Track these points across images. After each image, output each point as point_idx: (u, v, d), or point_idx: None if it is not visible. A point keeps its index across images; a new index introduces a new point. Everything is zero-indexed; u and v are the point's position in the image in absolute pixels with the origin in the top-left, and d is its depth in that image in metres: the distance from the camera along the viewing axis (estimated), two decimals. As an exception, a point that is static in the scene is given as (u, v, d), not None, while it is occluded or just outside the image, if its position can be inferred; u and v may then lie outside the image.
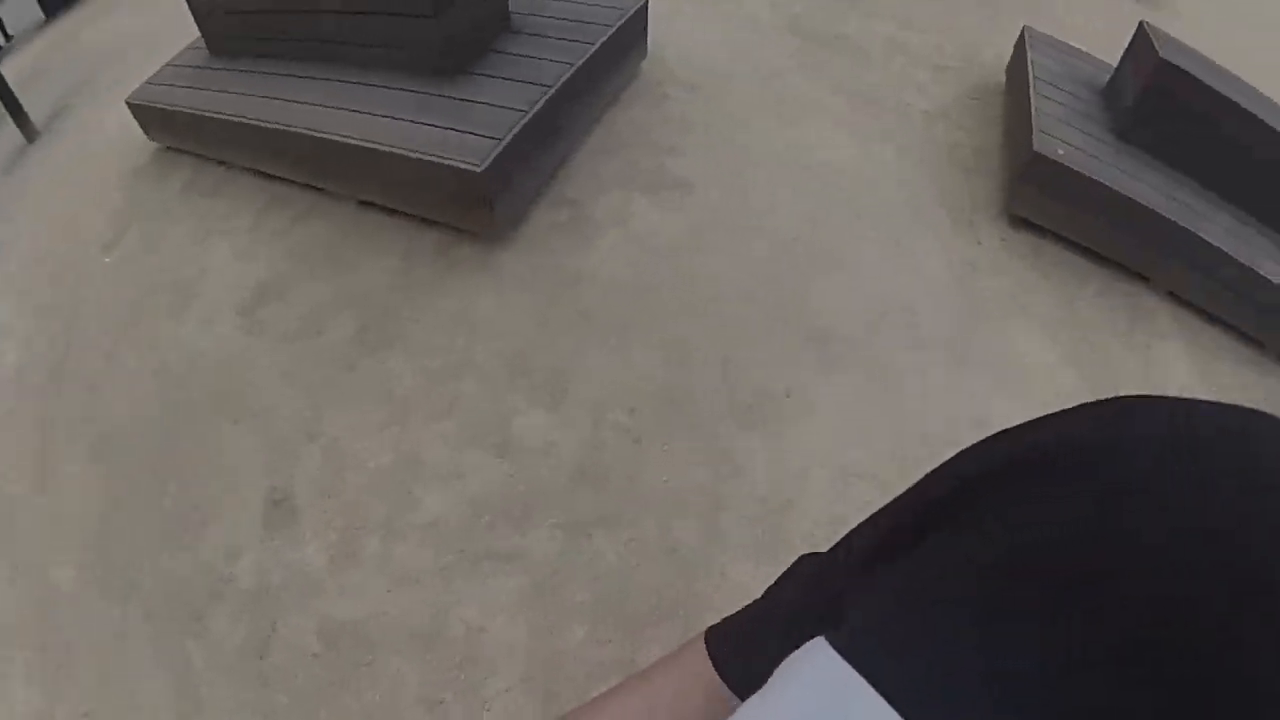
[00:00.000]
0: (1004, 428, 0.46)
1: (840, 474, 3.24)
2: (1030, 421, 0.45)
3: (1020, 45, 4.85)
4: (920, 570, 0.43)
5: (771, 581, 0.65)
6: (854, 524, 0.55)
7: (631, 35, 4.50)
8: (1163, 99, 4.03)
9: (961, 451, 0.47)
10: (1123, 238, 3.98)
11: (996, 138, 4.75)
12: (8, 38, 6.10)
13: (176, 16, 4.62)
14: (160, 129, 4.53)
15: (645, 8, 4.54)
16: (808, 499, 3.16)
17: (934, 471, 0.49)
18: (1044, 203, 4.08)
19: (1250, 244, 3.92)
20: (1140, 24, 4.25)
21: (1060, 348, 3.79)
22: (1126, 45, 4.37)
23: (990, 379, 3.63)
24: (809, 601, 0.57)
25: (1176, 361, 3.92)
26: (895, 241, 4.09)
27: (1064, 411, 0.43)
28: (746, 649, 0.61)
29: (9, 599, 3.17)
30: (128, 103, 4.48)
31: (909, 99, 4.91)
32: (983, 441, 0.47)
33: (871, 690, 0.38)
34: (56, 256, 4.31)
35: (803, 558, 0.64)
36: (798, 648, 0.46)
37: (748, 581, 2.96)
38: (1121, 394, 0.42)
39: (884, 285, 3.91)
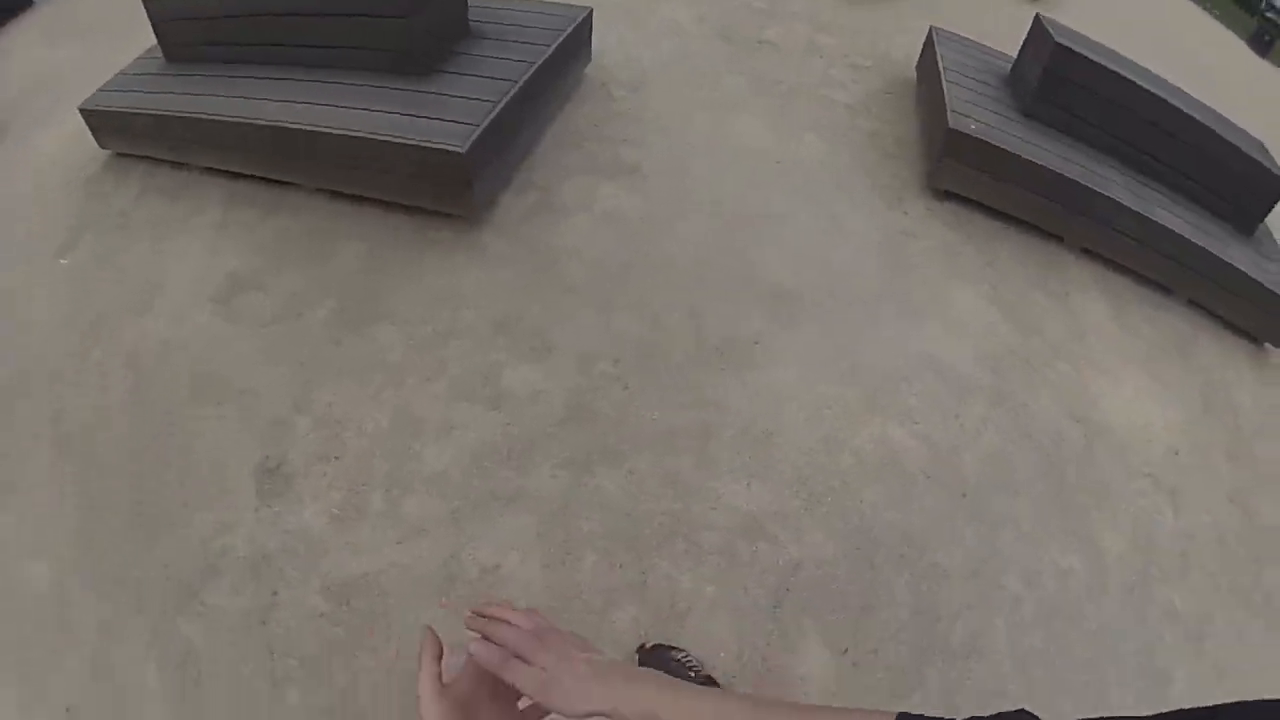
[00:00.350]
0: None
1: (812, 405, 3.53)
2: None
3: (929, 42, 5.36)
4: None
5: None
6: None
7: (578, 41, 4.80)
8: (1061, 78, 4.56)
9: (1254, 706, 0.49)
10: (1036, 201, 4.45)
11: (914, 127, 5.22)
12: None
13: (101, 49, 4.64)
14: (115, 134, 4.56)
15: (590, 17, 4.86)
16: (787, 428, 3.43)
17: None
18: (962, 174, 4.52)
19: (1146, 198, 4.44)
20: (1036, 16, 4.80)
21: (987, 297, 4.20)
22: (1025, 35, 4.89)
23: (929, 323, 4.00)
24: None
25: (1094, 306, 4.38)
26: (831, 215, 4.46)
27: None
28: None
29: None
30: (81, 109, 4.49)
31: (831, 94, 5.35)
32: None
33: None
34: (5, 263, 4.26)
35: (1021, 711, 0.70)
36: None
37: (742, 503, 3.20)
38: None
39: (825, 251, 4.27)
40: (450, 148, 3.65)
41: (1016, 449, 3.64)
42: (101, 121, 4.53)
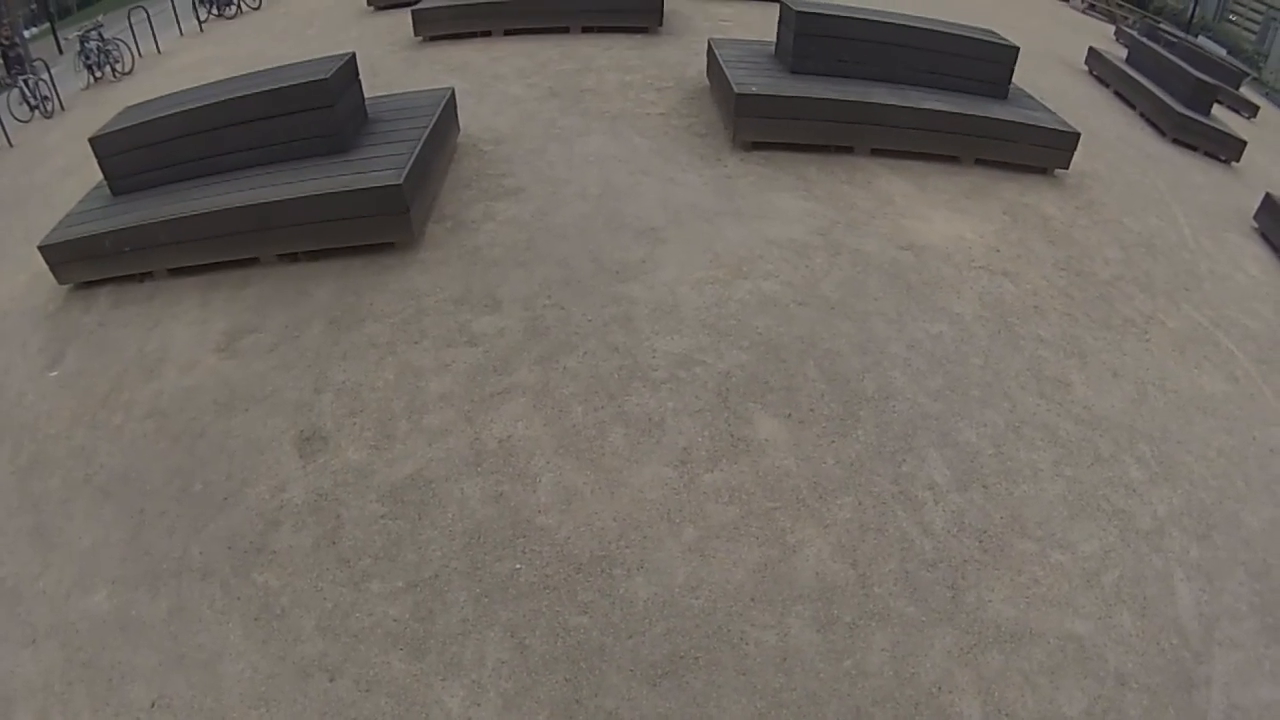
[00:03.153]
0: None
1: (697, 284, 4.80)
2: None
3: (709, 50, 6.99)
4: None
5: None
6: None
7: (450, 114, 6.17)
8: (810, 35, 6.18)
9: None
10: (819, 127, 5.99)
11: (716, 116, 6.73)
12: None
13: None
14: (78, 262, 5.30)
15: (454, 94, 6.26)
16: (684, 301, 4.68)
17: None
18: (758, 126, 6.04)
19: (909, 97, 6.01)
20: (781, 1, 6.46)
21: (804, 198, 5.60)
22: (778, 18, 6.56)
23: (763, 222, 5.36)
24: None
25: (895, 183, 5.86)
26: (668, 178, 5.84)
27: None
28: None
29: (25, 660, 3.50)
30: (40, 246, 5.22)
31: (646, 110, 6.88)
32: None
33: None
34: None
35: None
36: None
37: (672, 348, 4.35)
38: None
39: (671, 200, 5.61)
40: (390, 182, 4.83)
41: (862, 275, 4.96)
42: (65, 253, 5.26)
